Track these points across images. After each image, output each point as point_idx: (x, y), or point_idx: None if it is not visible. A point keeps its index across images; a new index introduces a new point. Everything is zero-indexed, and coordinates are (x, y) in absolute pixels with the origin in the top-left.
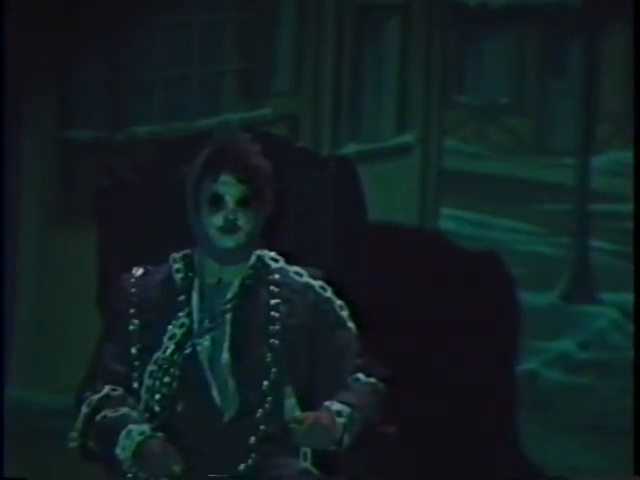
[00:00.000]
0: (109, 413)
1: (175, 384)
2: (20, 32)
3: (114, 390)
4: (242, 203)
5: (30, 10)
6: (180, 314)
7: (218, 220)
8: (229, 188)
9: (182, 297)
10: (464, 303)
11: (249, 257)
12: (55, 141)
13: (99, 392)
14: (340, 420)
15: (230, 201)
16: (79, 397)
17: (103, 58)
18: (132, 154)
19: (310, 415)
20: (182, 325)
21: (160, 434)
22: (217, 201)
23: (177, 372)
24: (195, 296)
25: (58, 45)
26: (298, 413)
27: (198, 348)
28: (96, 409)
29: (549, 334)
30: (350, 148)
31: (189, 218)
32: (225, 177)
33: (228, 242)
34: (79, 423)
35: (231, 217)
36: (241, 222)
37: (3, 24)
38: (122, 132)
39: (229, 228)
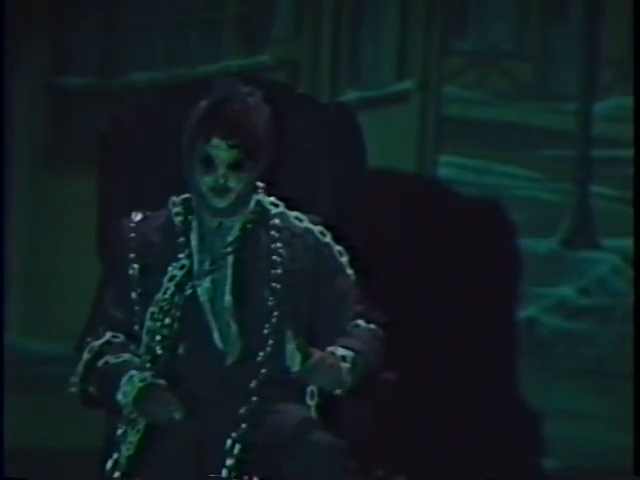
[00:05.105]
0: (111, 359)
1: (176, 326)
2: None
3: (115, 337)
4: (233, 167)
5: None
6: (180, 256)
7: (209, 181)
8: (220, 152)
9: (182, 239)
10: (464, 249)
11: (243, 210)
12: (47, 87)
13: (100, 338)
14: (344, 365)
15: (221, 165)
16: (80, 343)
17: (100, 0)
18: (131, 100)
19: (316, 352)
20: (182, 267)
21: (161, 381)
22: (208, 163)
23: (177, 314)
24: (195, 237)
25: None
26: (299, 358)
27: (198, 290)
28: (97, 355)
29: (549, 280)
30: (350, 95)
31: (185, 169)
32: (216, 141)
33: (219, 203)
34: (80, 368)
35: (221, 181)
36: (232, 184)
37: None
38: (119, 79)
39: (219, 190)
